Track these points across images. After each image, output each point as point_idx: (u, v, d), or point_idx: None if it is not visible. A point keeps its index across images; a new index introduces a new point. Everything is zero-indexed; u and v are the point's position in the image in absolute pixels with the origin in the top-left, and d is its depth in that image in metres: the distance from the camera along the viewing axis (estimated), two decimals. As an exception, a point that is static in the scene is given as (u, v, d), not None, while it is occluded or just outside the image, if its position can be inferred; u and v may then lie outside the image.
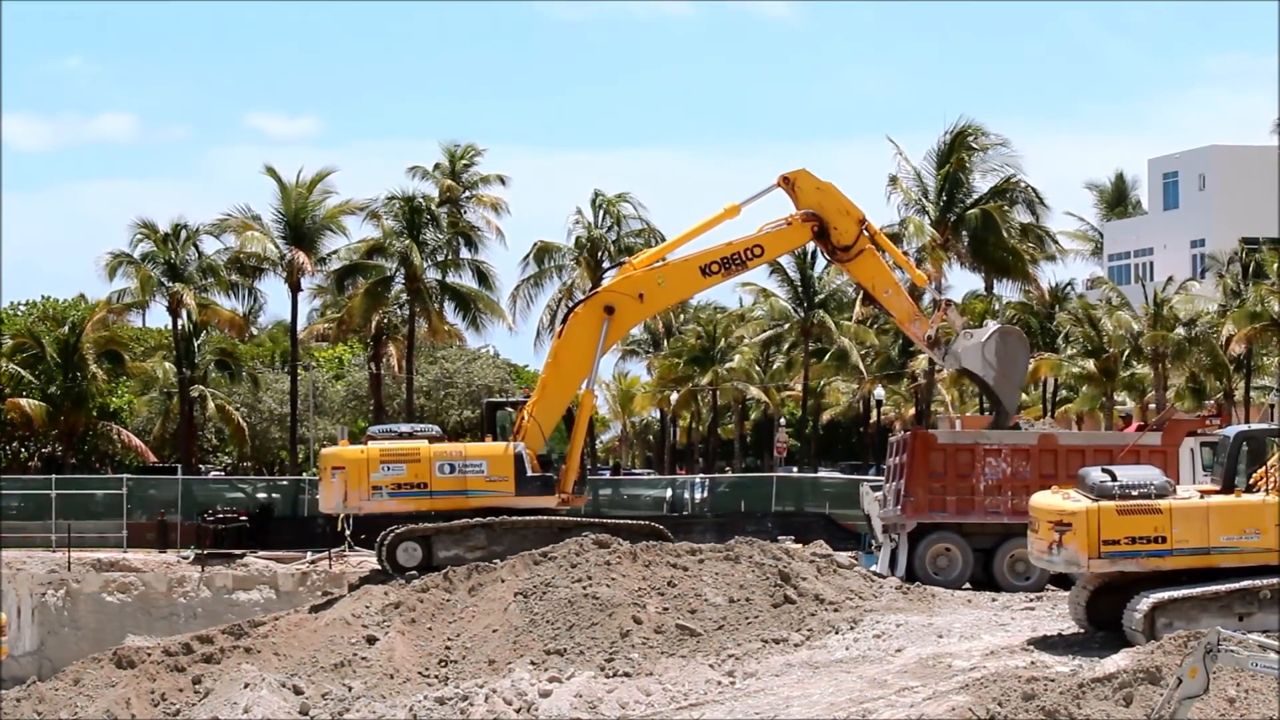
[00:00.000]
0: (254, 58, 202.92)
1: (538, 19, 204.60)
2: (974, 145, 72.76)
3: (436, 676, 36.32)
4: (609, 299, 43.31)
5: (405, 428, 45.28)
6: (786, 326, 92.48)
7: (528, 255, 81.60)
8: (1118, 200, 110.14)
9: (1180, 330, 78.10)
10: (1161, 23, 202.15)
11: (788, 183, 43.50)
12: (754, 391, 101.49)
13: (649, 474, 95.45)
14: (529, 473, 43.01)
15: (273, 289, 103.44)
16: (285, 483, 70.71)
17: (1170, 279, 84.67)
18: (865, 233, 43.36)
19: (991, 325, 42.08)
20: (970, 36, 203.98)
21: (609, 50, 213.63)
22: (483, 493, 42.99)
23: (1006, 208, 74.96)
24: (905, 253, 74.93)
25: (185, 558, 61.05)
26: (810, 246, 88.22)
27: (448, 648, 37.34)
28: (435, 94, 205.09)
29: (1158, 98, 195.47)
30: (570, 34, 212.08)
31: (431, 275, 78.17)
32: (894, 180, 73.71)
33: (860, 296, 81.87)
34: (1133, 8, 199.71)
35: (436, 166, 79.83)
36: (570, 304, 78.88)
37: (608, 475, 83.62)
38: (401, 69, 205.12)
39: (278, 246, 76.71)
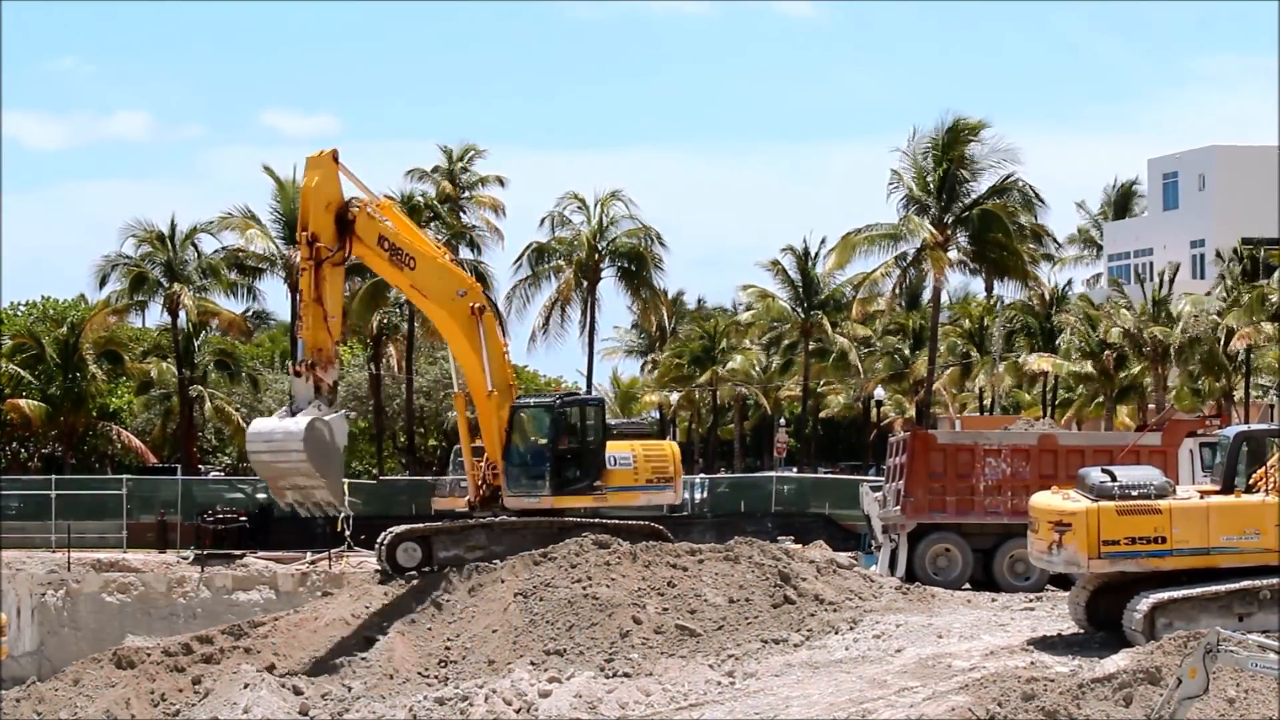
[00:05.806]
0: (269, 54, 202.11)
1: (555, 18, 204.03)
2: (969, 138, 72.47)
3: (436, 677, 36.33)
4: None
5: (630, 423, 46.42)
6: (787, 327, 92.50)
7: (519, 257, 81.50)
8: (1121, 210, 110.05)
9: (1180, 329, 77.97)
10: (1158, 23, 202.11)
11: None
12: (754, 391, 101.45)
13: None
14: None
15: (273, 289, 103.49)
16: (285, 483, 70.53)
17: (1165, 276, 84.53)
18: (313, 255, 38.52)
19: (308, 418, 37.39)
20: (968, 37, 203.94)
21: (622, 50, 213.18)
22: None
23: (1008, 206, 74.76)
24: (905, 253, 75.05)
25: (185, 558, 60.98)
26: (812, 248, 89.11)
27: (447, 648, 37.36)
28: (448, 94, 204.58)
29: (1155, 98, 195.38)
30: (586, 33, 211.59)
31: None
32: (898, 175, 73.43)
33: (859, 297, 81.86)
34: (1130, 8, 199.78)
35: (435, 169, 79.76)
36: (561, 305, 79.58)
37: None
38: (420, 68, 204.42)
39: (276, 246, 76.67)
